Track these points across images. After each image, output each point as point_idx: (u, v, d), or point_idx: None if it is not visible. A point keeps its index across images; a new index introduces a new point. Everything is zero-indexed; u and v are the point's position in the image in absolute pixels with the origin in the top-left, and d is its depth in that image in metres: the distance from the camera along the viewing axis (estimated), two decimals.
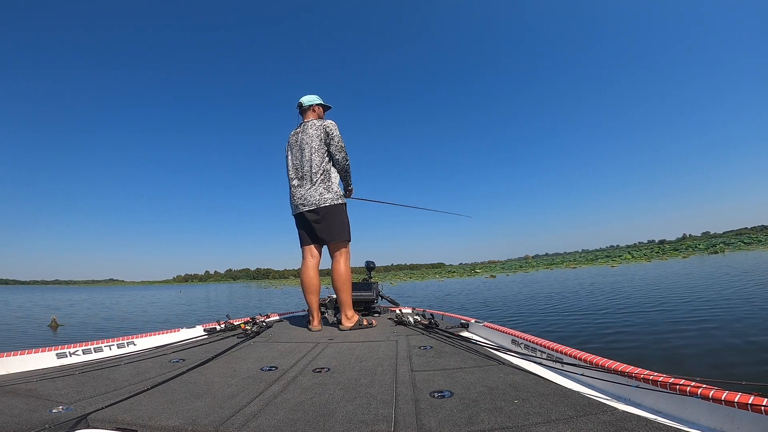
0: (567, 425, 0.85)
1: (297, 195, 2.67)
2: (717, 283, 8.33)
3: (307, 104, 2.87)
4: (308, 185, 2.63)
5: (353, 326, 2.51)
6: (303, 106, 2.89)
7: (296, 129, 2.82)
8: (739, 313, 4.83)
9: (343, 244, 2.67)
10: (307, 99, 2.88)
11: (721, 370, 2.85)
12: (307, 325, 2.66)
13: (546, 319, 5.93)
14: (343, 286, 2.60)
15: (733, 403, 0.79)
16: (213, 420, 0.97)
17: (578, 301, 7.69)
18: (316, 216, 2.62)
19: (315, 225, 2.64)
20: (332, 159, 2.70)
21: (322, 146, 2.65)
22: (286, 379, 1.35)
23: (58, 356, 1.78)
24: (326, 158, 2.66)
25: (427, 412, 0.97)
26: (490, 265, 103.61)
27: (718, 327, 4.18)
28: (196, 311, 12.14)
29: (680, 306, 5.82)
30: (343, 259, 2.64)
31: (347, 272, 2.64)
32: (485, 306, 8.63)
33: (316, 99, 2.91)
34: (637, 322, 4.98)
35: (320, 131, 2.66)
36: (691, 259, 22.30)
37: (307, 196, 2.62)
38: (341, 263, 2.63)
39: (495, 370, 1.35)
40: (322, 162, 2.64)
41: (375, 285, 3.31)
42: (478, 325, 2.22)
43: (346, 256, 2.66)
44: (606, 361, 1.17)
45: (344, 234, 2.66)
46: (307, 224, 2.68)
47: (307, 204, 2.62)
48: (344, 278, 2.61)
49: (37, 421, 0.94)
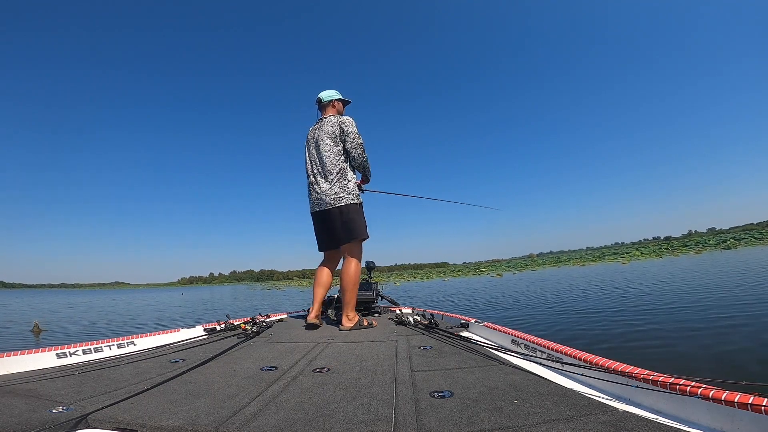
0: (567, 425, 0.85)
1: (314, 193, 2.65)
2: (744, 280, 7.80)
3: (326, 99, 2.80)
4: (325, 184, 2.59)
5: (353, 326, 2.48)
6: (322, 102, 2.82)
7: (314, 125, 2.77)
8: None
9: (356, 245, 2.63)
10: (326, 94, 2.81)
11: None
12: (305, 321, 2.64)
13: (559, 320, 5.54)
14: (349, 286, 2.56)
15: (733, 403, 0.79)
16: (213, 420, 0.97)
17: (593, 301, 7.22)
18: (332, 216, 2.59)
19: (331, 225, 2.61)
20: (348, 156, 2.64)
21: (338, 143, 2.59)
22: (286, 379, 1.35)
23: (58, 356, 1.78)
24: (342, 155, 2.60)
25: (427, 412, 0.97)
26: (494, 263, 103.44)
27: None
28: (194, 314, 11.81)
29: (713, 303, 5.35)
30: (354, 260, 2.60)
31: (357, 274, 2.60)
32: (493, 306, 8.22)
33: (336, 94, 2.84)
34: (662, 320, 4.63)
35: (335, 127, 2.60)
36: (704, 255, 21.81)
37: (323, 195, 2.59)
38: (352, 264, 2.58)
39: (495, 370, 1.35)
40: (338, 159, 2.58)
41: (375, 285, 3.31)
42: (478, 325, 2.22)
43: (358, 257, 2.62)
44: (606, 361, 1.17)
45: (360, 233, 2.60)
46: (323, 223, 2.67)
47: (324, 203, 2.59)
48: (354, 279, 2.58)
49: (37, 421, 0.93)
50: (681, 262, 17.46)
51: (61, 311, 14.31)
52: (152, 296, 31.45)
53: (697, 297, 6.21)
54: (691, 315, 4.83)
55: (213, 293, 35.66)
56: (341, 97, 2.88)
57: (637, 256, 30.14)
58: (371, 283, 3.33)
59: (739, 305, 5.08)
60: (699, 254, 24.15)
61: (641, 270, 15.31)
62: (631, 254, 34.09)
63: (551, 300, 8.16)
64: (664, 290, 7.67)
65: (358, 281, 2.60)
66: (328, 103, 2.81)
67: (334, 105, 2.82)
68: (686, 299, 6.10)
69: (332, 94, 2.82)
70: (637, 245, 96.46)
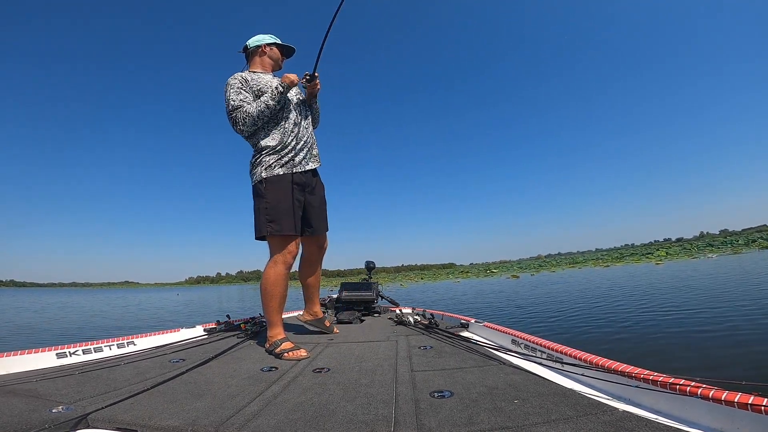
0: (567, 425, 0.85)
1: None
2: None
3: (252, 45, 2.06)
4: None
5: (268, 348, 1.80)
6: (248, 50, 2.08)
7: None
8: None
9: (270, 242, 1.90)
10: (253, 39, 2.07)
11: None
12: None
13: (607, 331, 4.38)
14: (261, 295, 1.88)
15: (733, 403, 0.79)
16: (213, 420, 0.97)
17: (644, 309, 5.62)
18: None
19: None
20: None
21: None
22: (286, 380, 1.35)
23: (58, 356, 1.78)
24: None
25: (427, 412, 0.97)
26: (503, 264, 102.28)
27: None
28: (182, 318, 10.43)
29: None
30: (270, 262, 1.88)
31: (270, 280, 1.86)
32: (524, 311, 6.89)
33: (267, 38, 2.06)
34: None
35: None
36: (746, 255, 19.58)
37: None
38: (266, 267, 1.89)
39: (495, 370, 1.35)
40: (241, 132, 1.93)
41: (375, 285, 3.32)
42: (478, 325, 2.22)
43: (275, 258, 1.88)
44: (606, 361, 1.17)
45: (261, 227, 1.88)
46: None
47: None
48: (264, 287, 1.87)
49: (37, 421, 0.93)
50: (727, 263, 15.25)
51: (56, 310, 13.88)
52: (147, 296, 30.82)
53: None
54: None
55: (219, 293, 35.00)
56: (277, 41, 2.07)
57: (662, 257, 28.33)
58: (371, 283, 3.33)
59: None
60: (739, 254, 22.13)
61: (683, 270, 13.16)
62: (652, 255, 32.12)
63: (609, 308, 6.21)
64: (747, 293, 6.09)
65: (274, 291, 1.85)
66: (256, 50, 2.06)
67: (264, 52, 2.06)
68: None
69: (261, 39, 2.06)
70: (648, 246, 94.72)
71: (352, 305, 3.15)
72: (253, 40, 2.06)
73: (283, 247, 1.87)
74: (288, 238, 1.88)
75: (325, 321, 2.29)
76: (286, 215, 1.86)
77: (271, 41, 2.07)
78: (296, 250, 1.92)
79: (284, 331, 1.88)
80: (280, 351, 1.71)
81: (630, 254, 41.59)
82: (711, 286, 7.86)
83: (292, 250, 1.89)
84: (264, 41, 2.06)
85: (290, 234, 1.87)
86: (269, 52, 2.08)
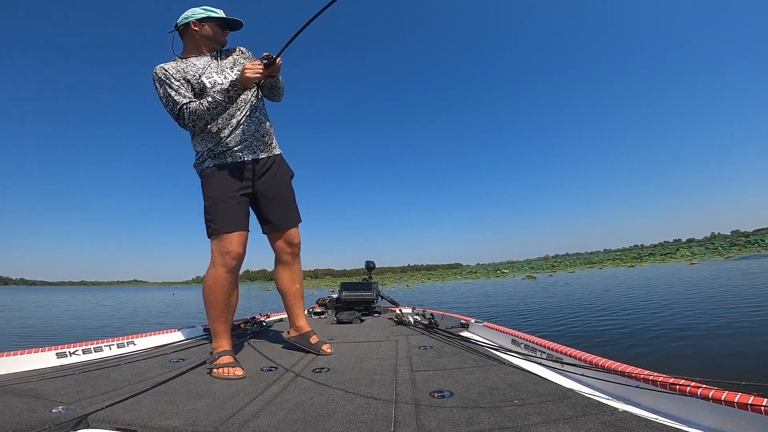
0: (567, 425, 0.85)
1: None
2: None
3: (181, 23, 1.70)
4: None
5: (216, 372, 1.52)
6: (178, 28, 1.73)
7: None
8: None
9: (211, 241, 1.68)
10: (181, 17, 1.71)
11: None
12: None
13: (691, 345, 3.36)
14: (204, 302, 1.66)
15: (733, 403, 0.79)
16: (213, 420, 0.97)
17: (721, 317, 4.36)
18: None
19: None
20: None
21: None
22: (286, 379, 1.35)
23: (58, 356, 1.78)
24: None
25: (427, 412, 0.97)
26: (511, 264, 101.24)
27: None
28: (170, 321, 9.29)
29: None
30: (210, 264, 1.65)
31: (205, 284, 1.65)
32: (576, 319, 5.28)
33: (198, 12, 1.68)
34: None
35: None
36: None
37: None
38: (206, 270, 1.66)
39: (495, 370, 1.35)
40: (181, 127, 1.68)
41: (375, 285, 3.32)
42: (478, 325, 2.22)
43: (213, 260, 1.64)
44: (606, 361, 1.17)
45: (206, 227, 1.68)
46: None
47: None
48: (202, 293, 1.66)
49: (37, 421, 0.93)
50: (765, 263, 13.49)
51: (52, 310, 13.27)
52: (140, 296, 29.94)
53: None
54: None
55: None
56: (210, 14, 1.68)
57: (686, 256, 26.30)
58: (371, 282, 3.33)
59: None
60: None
61: (722, 271, 11.60)
62: (674, 255, 30.26)
63: (647, 311, 5.18)
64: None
65: (212, 298, 1.63)
66: (185, 30, 1.70)
67: (196, 31, 1.69)
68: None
69: (190, 14, 1.68)
70: (657, 247, 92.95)
71: (352, 305, 3.15)
72: (181, 17, 1.69)
73: (220, 247, 1.62)
74: (225, 237, 1.62)
75: (312, 337, 1.82)
76: (221, 212, 1.64)
77: (202, 15, 1.67)
78: (237, 249, 1.64)
79: (230, 344, 1.65)
80: (211, 366, 1.49)
81: (648, 254, 38.97)
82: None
83: (230, 249, 1.62)
84: (193, 17, 1.67)
85: (227, 232, 1.62)
86: (201, 30, 1.68)
